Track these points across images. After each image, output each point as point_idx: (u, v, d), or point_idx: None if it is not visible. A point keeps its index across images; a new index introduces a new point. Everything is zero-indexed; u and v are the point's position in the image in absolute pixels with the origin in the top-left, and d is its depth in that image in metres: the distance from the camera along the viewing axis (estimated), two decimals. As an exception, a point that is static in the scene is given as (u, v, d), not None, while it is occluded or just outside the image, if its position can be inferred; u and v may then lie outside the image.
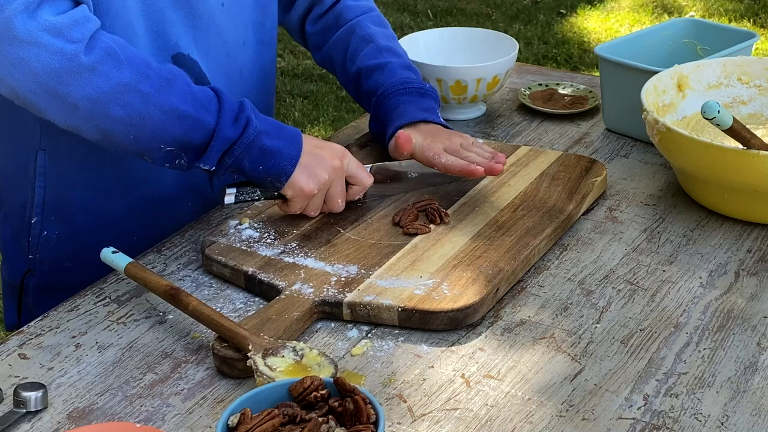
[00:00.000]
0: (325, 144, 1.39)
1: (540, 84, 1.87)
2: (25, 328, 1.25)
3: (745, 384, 1.14)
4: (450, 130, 1.51)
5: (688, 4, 4.95)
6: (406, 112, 1.51)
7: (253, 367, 1.10)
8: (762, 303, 1.27)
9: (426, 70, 1.72)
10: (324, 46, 1.65)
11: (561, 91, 1.84)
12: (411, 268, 1.30)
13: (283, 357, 1.12)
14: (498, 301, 1.28)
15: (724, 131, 1.37)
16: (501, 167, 1.43)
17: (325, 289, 1.26)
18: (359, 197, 1.43)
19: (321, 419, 0.96)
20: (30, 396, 1.10)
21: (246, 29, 1.52)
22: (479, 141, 1.53)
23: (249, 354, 1.12)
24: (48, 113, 1.26)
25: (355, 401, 0.96)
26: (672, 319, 1.24)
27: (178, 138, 1.29)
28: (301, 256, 1.33)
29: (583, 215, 1.47)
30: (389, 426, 1.08)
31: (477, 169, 1.41)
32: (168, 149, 1.30)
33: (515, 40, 1.82)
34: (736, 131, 1.37)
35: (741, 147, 1.38)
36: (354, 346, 1.21)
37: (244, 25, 1.51)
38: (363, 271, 1.29)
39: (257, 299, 1.29)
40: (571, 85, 1.87)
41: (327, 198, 1.39)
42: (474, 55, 1.84)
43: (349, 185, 1.41)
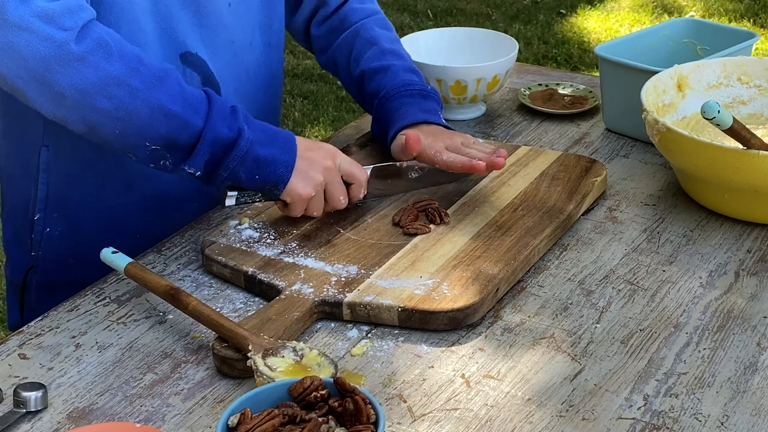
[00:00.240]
0: (316, 145, 1.39)
1: (540, 84, 1.87)
2: (25, 328, 1.25)
3: (745, 384, 1.14)
4: (451, 130, 1.52)
5: (688, 4, 4.95)
6: (407, 113, 1.52)
7: (253, 367, 1.10)
8: (762, 303, 1.27)
9: (426, 70, 1.72)
10: (329, 48, 1.65)
11: (561, 91, 1.84)
12: (411, 268, 1.30)
13: (283, 357, 1.12)
14: (498, 301, 1.28)
15: (724, 131, 1.37)
16: (503, 161, 1.42)
17: (325, 289, 1.26)
18: (360, 197, 1.43)
19: (321, 419, 0.96)
20: (30, 396, 1.10)
21: (253, 30, 1.52)
22: (480, 141, 1.53)
23: (249, 354, 1.12)
24: (35, 101, 1.25)
25: (355, 401, 0.96)
26: (672, 319, 1.24)
27: (164, 136, 1.28)
28: (301, 256, 1.33)
29: (583, 215, 1.47)
30: (389, 426, 1.08)
31: (478, 164, 1.41)
32: (153, 147, 1.29)
33: (515, 40, 1.82)
34: (736, 131, 1.37)
35: (741, 147, 1.38)
36: (354, 346, 1.21)
37: (251, 26, 1.51)
38: (363, 271, 1.29)
39: (257, 299, 1.29)
40: (571, 85, 1.87)
41: (327, 198, 1.39)
42: (474, 55, 1.84)
43: (348, 185, 1.40)
